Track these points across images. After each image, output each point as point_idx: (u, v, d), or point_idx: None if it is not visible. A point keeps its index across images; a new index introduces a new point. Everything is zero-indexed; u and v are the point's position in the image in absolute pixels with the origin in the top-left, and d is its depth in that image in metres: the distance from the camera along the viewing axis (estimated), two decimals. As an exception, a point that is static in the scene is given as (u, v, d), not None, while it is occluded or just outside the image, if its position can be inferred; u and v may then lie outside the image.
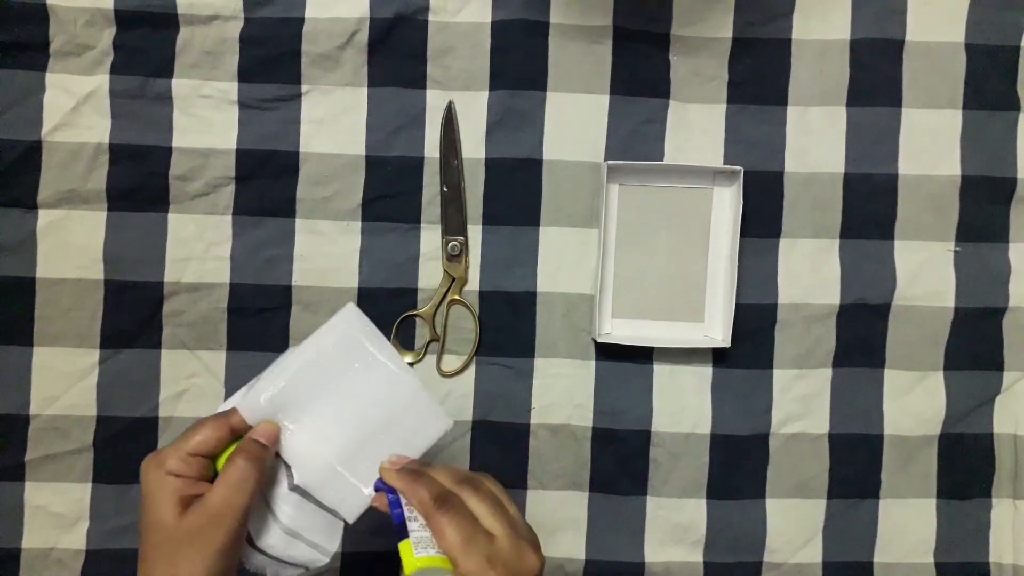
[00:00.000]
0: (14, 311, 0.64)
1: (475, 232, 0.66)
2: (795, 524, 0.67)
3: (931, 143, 0.67)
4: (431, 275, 0.66)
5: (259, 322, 0.65)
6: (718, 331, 0.66)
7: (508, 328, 0.66)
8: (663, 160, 0.66)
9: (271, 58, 0.65)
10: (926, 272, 0.67)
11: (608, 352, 0.66)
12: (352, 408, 0.51)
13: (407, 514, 0.48)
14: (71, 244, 0.64)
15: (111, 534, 0.65)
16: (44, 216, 0.64)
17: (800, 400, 0.67)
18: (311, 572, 0.52)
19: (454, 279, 0.66)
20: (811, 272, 0.67)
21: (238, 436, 0.50)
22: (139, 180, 0.65)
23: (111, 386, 0.65)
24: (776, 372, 0.67)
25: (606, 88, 0.66)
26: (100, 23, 0.64)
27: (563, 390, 0.66)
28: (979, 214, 0.67)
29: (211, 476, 0.49)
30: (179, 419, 0.65)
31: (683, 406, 0.66)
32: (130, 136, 0.65)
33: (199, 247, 0.65)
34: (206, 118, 0.65)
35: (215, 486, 0.47)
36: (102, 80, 0.64)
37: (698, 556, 0.67)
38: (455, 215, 0.66)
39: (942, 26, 0.66)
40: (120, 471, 0.65)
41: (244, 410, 0.49)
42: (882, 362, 0.67)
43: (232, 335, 0.65)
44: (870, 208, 0.67)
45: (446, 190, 0.66)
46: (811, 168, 0.66)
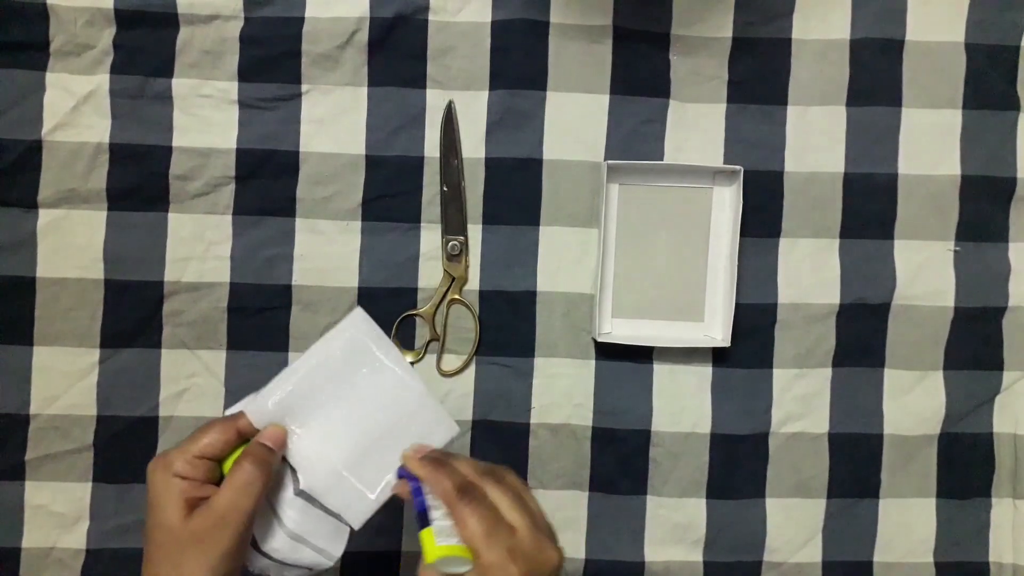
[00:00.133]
0: (14, 311, 0.64)
1: (475, 232, 0.66)
2: (795, 524, 0.67)
3: (931, 143, 0.67)
4: (431, 275, 0.66)
5: (259, 322, 0.65)
6: (718, 331, 0.66)
7: (508, 328, 0.66)
8: (663, 160, 0.66)
9: (271, 58, 0.65)
10: (926, 272, 0.67)
11: (608, 352, 0.66)
12: (359, 413, 0.51)
13: (429, 503, 0.48)
14: (71, 244, 0.64)
15: (111, 534, 0.65)
16: (44, 216, 0.64)
17: (800, 400, 0.67)
18: (313, 574, 0.52)
19: (454, 279, 0.66)
20: (811, 272, 0.67)
21: (245, 439, 0.50)
22: (139, 180, 0.65)
23: (111, 386, 0.65)
24: (776, 372, 0.67)
25: (606, 88, 0.66)
26: (100, 23, 0.64)
27: (563, 390, 0.66)
28: (979, 214, 0.67)
29: (217, 479, 0.49)
30: (179, 419, 0.65)
31: (683, 406, 0.66)
32: (130, 136, 0.65)
33: (199, 247, 0.65)
34: (206, 118, 0.65)
35: (221, 489, 0.47)
36: (102, 80, 0.64)
37: (698, 556, 0.67)
38: (455, 215, 0.66)
39: (942, 26, 0.66)
40: (120, 471, 0.65)
41: (251, 414, 0.49)
42: (882, 362, 0.67)
43: (232, 335, 0.65)
44: (870, 208, 0.67)
45: (446, 190, 0.66)
46: (811, 168, 0.66)
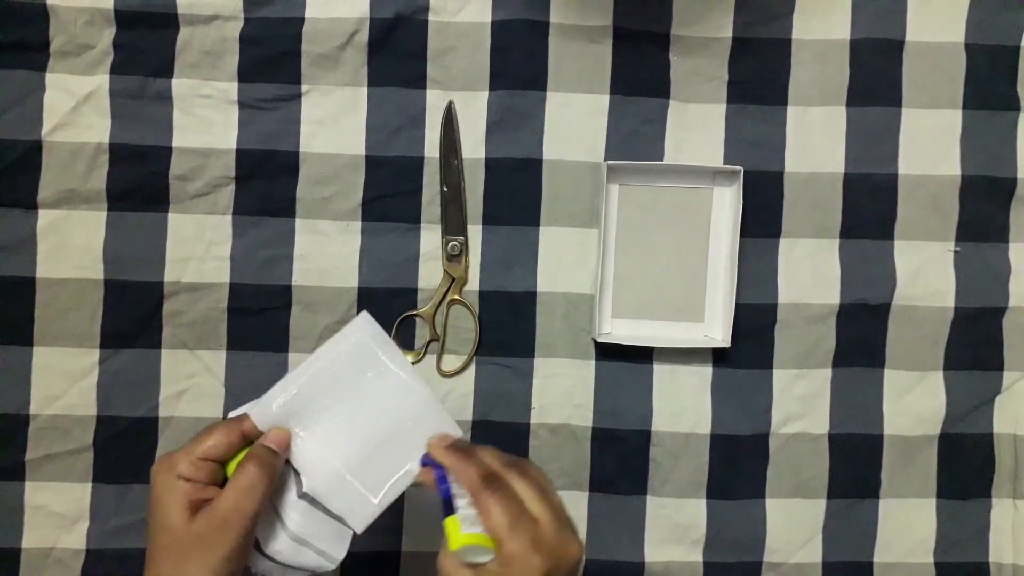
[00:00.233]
0: (14, 311, 0.64)
1: (475, 232, 0.66)
2: (795, 524, 0.67)
3: (931, 143, 0.67)
4: (431, 275, 0.66)
5: (259, 322, 0.65)
6: (718, 331, 0.66)
7: (508, 328, 0.66)
8: (663, 160, 0.66)
9: (271, 58, 0.65)
10: (926, 272, 0.67)
11: (608, 352, 0.66)
12: (363, 417, 0.51)
13: (454, 491, 0.48)
14: (71, 244, 0.64)
15: (111, 534, 0.65)
16: (44, 216, 0.64)
17: (800, 400, 0.67)
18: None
19: (454, 279, 0.66)
20: (811, 272, 0.67)
21: (249, 442, 0.50)
22: (139, 180, 0.65)
23: (111, 386, 0.65)
24: (776, 372, 0.67)
25: (606, 88, 0.66)
26: (100, 23, 0.64)
27: (563, 390, 0.66)
28: (979, 214, 0.67)
29: (220, 481, 0.49)
30: (179, 419, 0.65)
31: (683, 406, 0.66)
32: (130, 136, 0.65)
33: (199, 247, 0.65)
34: (206, 118, 0.65)
35: (225, 491, 0.47)
36: (102, 80, 0.64)
37: (698, 556, 0.67)
38: (455, 215, 0.66)
39: (942, 26, 0.66)
40: (120, 471, 0.65)
41: (255, 416, 0.49)
42: (882, 362, 0.67)
43: (232, 335, 0.65)
44: (870, 208, 0.67)
45: (446, 190, 0.66)
46: (811, 168, 0.66)
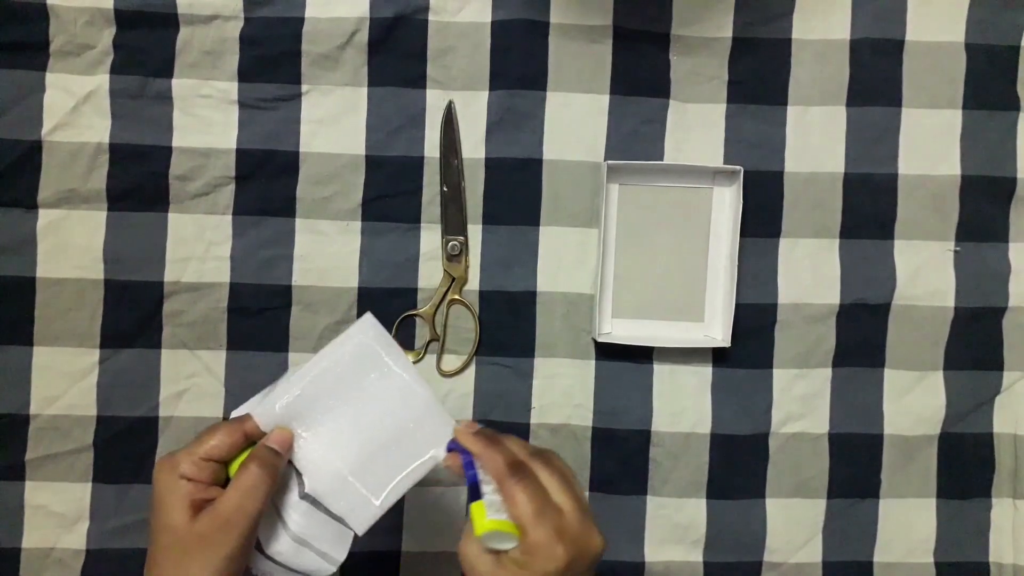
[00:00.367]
0: (14, 311, 0.64)
1: (475, 232, 0.66)
2: (795, 524, 0.67)
3: (931, 143, 0.67)
4: (431, 275, 0.66)
5: (259, 322, 0.65)
6: (718, 331, 0.66)
7: (508, 328, 0.66)
8: (663, 160, 0.66)
9: (271, 58, 0.65)
10: (926, 272, 0.67)
11: (608, 352, 0.66)
12: (366, 418, 0.51)
13: (480, 477, 0.48)
14: (71, 244, 0.64)
15: (111, 534, 0.65)
16: (44, 216, 0.64)
17: (800, 400, 0.67)
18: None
19: (454, 279, 0.66)
20: (811, 272, 0.67)
21: (251, 442, 0.49)
22: (139, 180, 0.65)
23: (111, 386, 0.65)
24: (776, 372, 0.67)
25: (606, 88, 0.66)
26: (100, 23, 0.64)
27: (563, 390, 0.66)
28: (979, 214, 0.67)
29: (222, 481, 0.49)
30: (179, 419, 0.65)
31: (683, 406, 0.66)
32: (130, 136, 0.65)
33: (199, 247, 0.65)
34: (206, 118, 0.65)
35: (227, 491, 0.47)
36: (102, 80, 0.64)
37: (698, 556, 0.67)
38: (455, 215, 0.66)
39: (942, 26, 0.66)
40: (120, 471, 0.65)
41: (258, 416, 0.49)
42: (882, 362, 0.67)
43: (232, 335, 0.65)
44: (870, 208, 0.67)
45: (446, 190, 0.66)
46: (811, 168, 0.66)
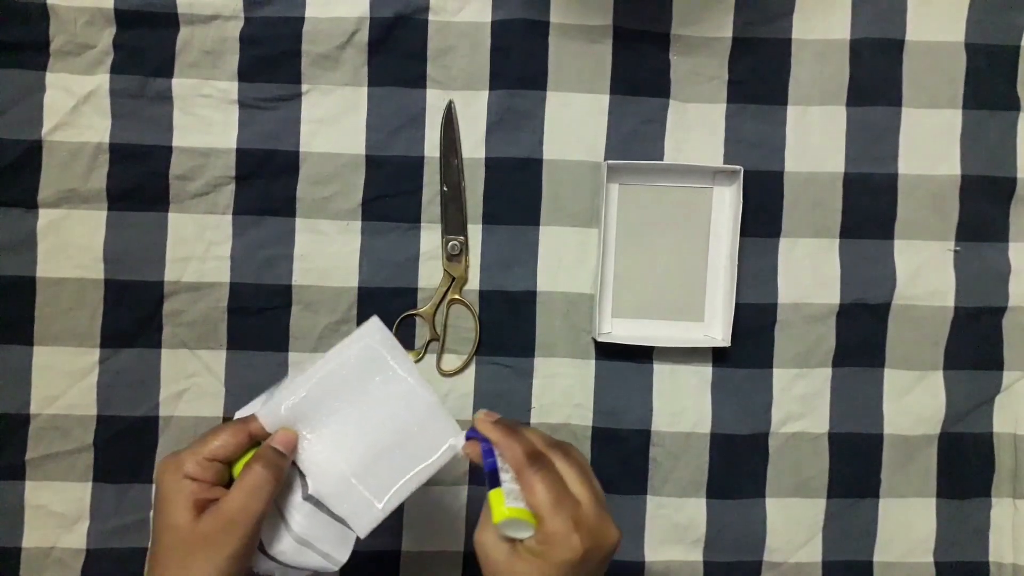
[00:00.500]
0: (14, 311, 0.64)
1: (475, 232, 0.66)
2: (795, 524, 0.67)
3: (931, 143, 0.67)
4: (431, 275, 0.66)
5: (259, 322, 0.65)
6: (718, 331, 0.66)
7: (508, 328, 0.66)
8: (663, 160, 0.66)
9: (271, 58, 0.65)
10: (926, 272, 0.67)
11: (608, 352, 0.66)
12: (370, 421, 0.51)
13: (499, 465, 0.48)
14: (71, 244, 0.64)
15: (111, 533, 0.65)
16: (44, 216, 0.64)
17: (800, 400, 0.67)
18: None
19: (454, 279, 0.66)
20: (811, 272, 0.67)
21: (256, 443, 0.50)
22: (139, 180, 0.65)
23: (111, 386, 0.65)
24: (776, 372, 0.67)
25: (606, 88, 0.66)
26: (100, 23, 0.64)
27: (563, 390, 0.66)
28: (979, 214, 0.67)
29: (226, 481, 0.49)
30: (179, 419, 0.65)
31: (683, 406, 0.66)
32: (130, 136, 0.65)
33: (199, 247, 0.65)
34: (206, 118, 0.65)
35: (232, 492, 0.47)
36: (102, 80, 0.64)
37: (698, 555, 0.67)
38: (455, 215, 0.66)
39: (942, 26, 0.66)
40: (120, 470, 0.65)
41: (263, 417, 0.50)
42: (882, 362, 0.67)
43: (232, 335, 0.65)
44: (870, 208, 0.67)
45: (446, 190, 0.66)
46: (811, 168, 0.66)
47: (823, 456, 0.67)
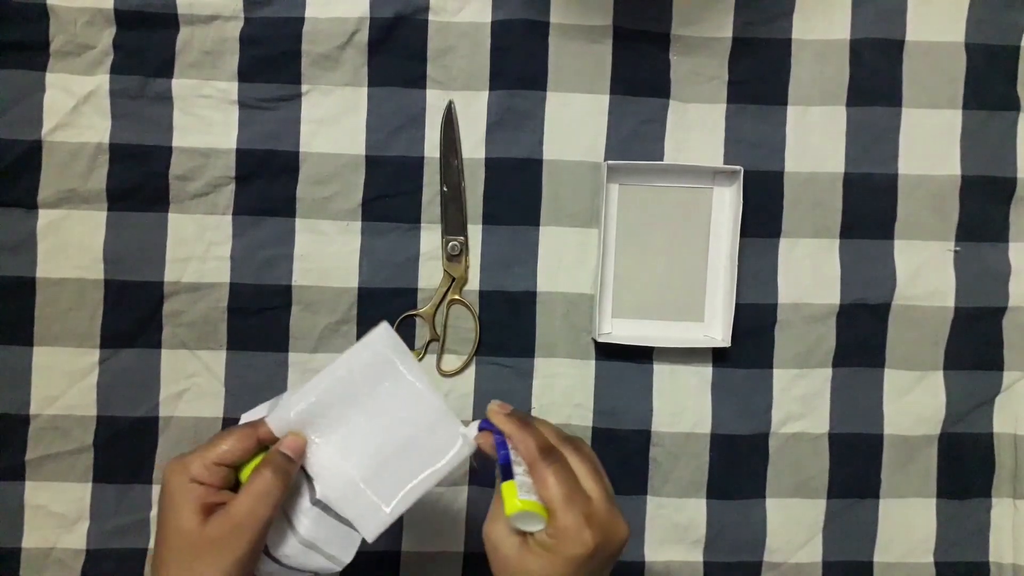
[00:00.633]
0: (14, 311, 0.64)
1: (475, 232, 0.66)
2: (795, 524, 0.67)
3: (931, 143, 0.67)
4: (431, 275, 0.66)
5: (259, 322, 0.65)
6: (718, 331, 0.66)
7: (508, 328, 0.66)
8: (663, 160, 0.66)
9: (271, 58, 0.65)
10: (926, 272, 0.67)
11: (608, 352, 0.66)
12: (378, 426, 0.51)
13: (512, 457, 0.48)
14: (71, 244, 0.64)
15: (111, 534, 0.65)
16: (44, 216, 0.64)
17: (800, 400, 0.67)
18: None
19: (454, 279, 0.66)
20: (811, 272, 0.67)
21: (263, 448, 0.50)
22: (139, 180, 0.65)
23: (111, 386, 0.65)
24: (776, 372, 0.67)
25: (606, 88, 0.66)
26: (100, 23, 0.64)
27: (563, 390, 0.66)
28: (979, 214, 0.67)
29: (232, 485, 0.49)
30: (179, 419, 0.65)
31: (683, 406, 0.66)
32: (130, 136, 0.65)
33: (199, 247, 0.65)
34: (206, 118, 0.65)
35: (240, 496, 0.47)
36: (102, 80, 0.64)
37: (698, 556, 0.67)
38: (455, 215, 0.66)
39: (942, 26, 0.66)
40: (120, 471, 0.65)
41: (272, 422, 0.50)
42: (882, 362, 0.67)
43: (232, 335, 0.65)
44: (870, 208, 0.67)
45: (446, 190, 0.66)
46: (811, 168, 0.66)
47: (823, 456, 0.67)
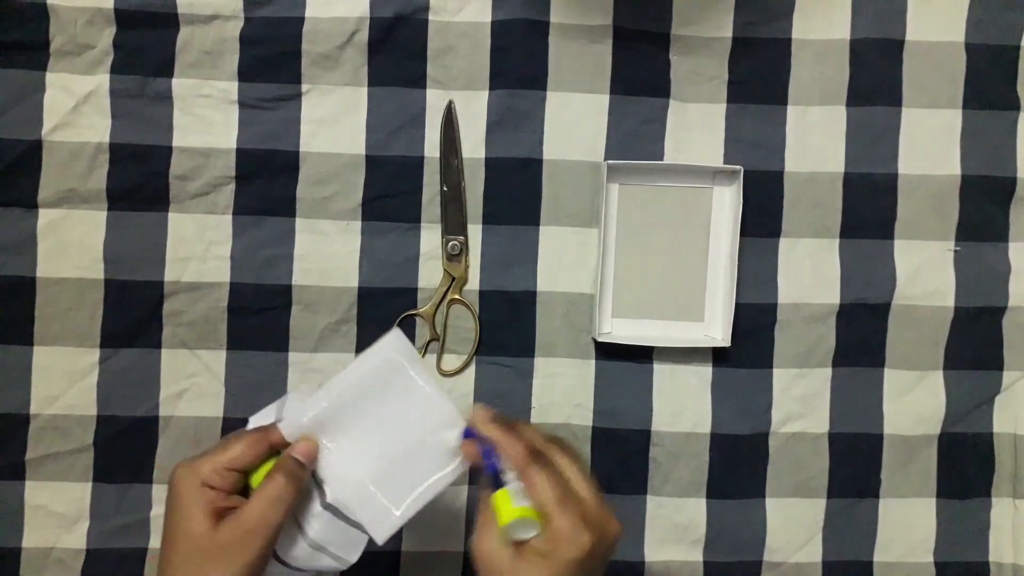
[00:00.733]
0: (14, 311, 0.64)
1: (475, 232, 0.66)
2: (795, 524, 0.67)
3: (931, 143, 0.67)
4: (431, 275, 0.66)
5: (259, 322, 0.65)
6: (718, 331, 0.66)
7: (508, 328, 0.66)
8: (663, 160, 0.66)
9: (271, 58, 0.65)
10: (926, 272, 0.67)
11: (608, 352, 0.66)
12: (389, 429, 0.51)
13: (500, 465, 0.47)
14: (71, 244, 0.64)
15: (111, 534, 0.65)
16: (44, 216, 0.64)
17: (800, 400, 0.67)
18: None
19: (454, 279, 0.66)
20: (811, 272, 0.67)
21: (275, 452, 0.50)
22: (139, 180, 0.65)
23: (111, 386, 0.65)
24: (776, 372, 0.67)
25: (606, 88, 0.66)
26: (100, 23, 0.64)
27: (563, 390, 0.66)
28: (979, 214, 0.67)
29: (241, 489, 0.49)
30: (179, 419, 0.65)
31: (683, 406, 0.66)
32: (130, 136, 0.65)
33: (199, 247, 0.65)
34: (206, 118, 0.65)
35: (252, 501, 0.46)
36: (102, 80, 0.64)
37: (698, 556, 0.67)
38: (455, 215, 0.66)
39: (942, 26, 0.66)
40: (120, 471, 0.65)
41: (284, 427, 0.50)
42: (882, 362, 0.67)
43: (232, 335, 0.65)
44: (870, 208, 0.67)
45: (446, 190, 0.66)
46: (811, 168, 0.66)
47: (823, 456, 0.67)
